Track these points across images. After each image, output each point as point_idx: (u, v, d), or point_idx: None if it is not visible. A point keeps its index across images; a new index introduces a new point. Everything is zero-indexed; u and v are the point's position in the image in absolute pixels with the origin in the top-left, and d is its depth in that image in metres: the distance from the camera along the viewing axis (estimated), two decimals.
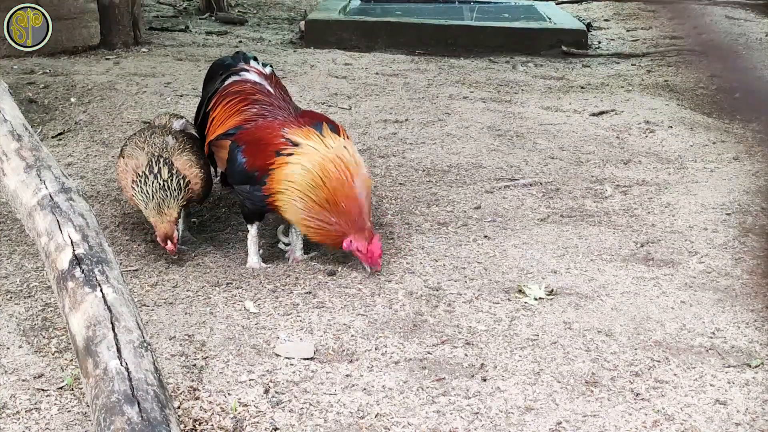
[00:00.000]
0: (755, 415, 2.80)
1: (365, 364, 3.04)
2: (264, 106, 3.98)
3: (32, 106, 5.81)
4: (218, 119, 4.02)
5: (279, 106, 4.00)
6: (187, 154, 3.90)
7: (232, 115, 3.98)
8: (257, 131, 3.87)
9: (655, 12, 9.64)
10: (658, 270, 3.83)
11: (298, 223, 3.76)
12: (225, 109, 4.01)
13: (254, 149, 3.81)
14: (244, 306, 3.44)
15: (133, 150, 3.91)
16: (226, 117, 3.99)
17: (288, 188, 3.70)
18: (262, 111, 3.96)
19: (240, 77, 4.11)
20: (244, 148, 3.83)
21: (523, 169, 5.03)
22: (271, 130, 3.84)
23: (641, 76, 7.47)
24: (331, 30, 8.55)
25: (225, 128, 3.96)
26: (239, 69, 4.15)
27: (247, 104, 3.98)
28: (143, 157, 3.83)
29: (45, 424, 2.68)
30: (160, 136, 3.96)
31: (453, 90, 6.72)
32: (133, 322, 2.57)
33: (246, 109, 3.97)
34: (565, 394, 2.89)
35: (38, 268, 3.65)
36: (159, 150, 3.85)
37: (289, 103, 4.09)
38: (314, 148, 3.71)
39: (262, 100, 4.00)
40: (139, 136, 4.01)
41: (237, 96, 4.02)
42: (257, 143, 3.81)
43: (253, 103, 3.99)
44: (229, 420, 2.70)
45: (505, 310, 3.44)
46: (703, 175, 4.99)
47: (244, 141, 3.86)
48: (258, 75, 4.13)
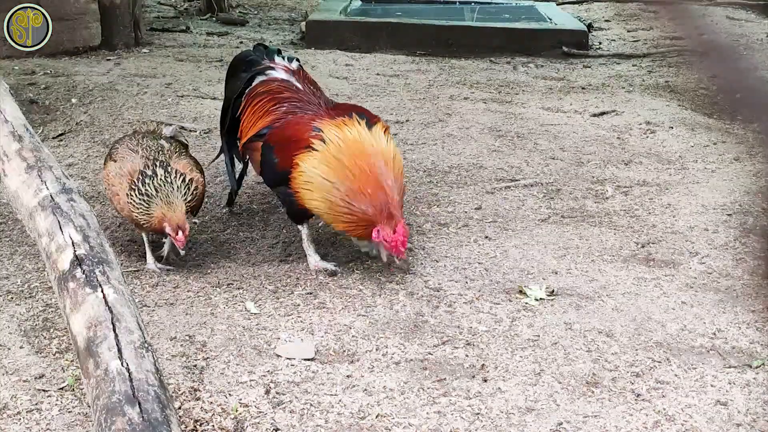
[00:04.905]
0: (756, 416, 2.80)
1: (366, 365, 3.04)
2: (293, 103, 3.91)
3: (33, 106, 5.81)
4: (248, 122, 3.97)
5: (308, 101, 3.92)
6: (185, 157, 3.81)
7: (261, 116, 3.92)
8: (286, 129, 3.79)
9: (656, 13, 9.64)
10: (658, 271, 3.83)
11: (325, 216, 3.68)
12: (254, 110, 3.96)
13: (285, 147, 3.73)
14: (245, 307, 3.44)
15: (126, 153, 3.76)
16: (256, 119, 3.93)
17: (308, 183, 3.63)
18: (291, 109, 3.89)
19: (266, 76, 4.04)
20: (276, 148, 3.76)
21: (524, 170, 5.03)
22: (300, 126, 3.75)
23: (642, 77, 7.47)
24: (331, 31, 8.55)
25: (255, 130, 3.91)
26: (265, 68, 4.07)
27: (275, 104, 3.91)
28: (139, 160, 3.68)
29: (46, 424, 2.68)
30: (153, 140, 3.84)
31: (454, 91, 6.72)
32: (134, 323, 2.57)
33: (275, 109, 3.90)
34: (565, 394, 2.89)
35: (39, 269, 3.65)
36: (155, 153, 3.72)
37: (320, 97, 4.00)
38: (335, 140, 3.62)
39: (290, 98, 3.93)
40: (130, 140, 3.87)
41: (264, 96, 3.96)
42: (288, 141, 3.73)
43: (281, 101, 3.91)
44: (230, 420, 2.70)
45: (506, 310, 3.44)
46: (703, 175, 4.99)
47: (274, 141, 3.79)
48: (285, 72, 4.05)
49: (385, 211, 3.55)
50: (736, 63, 1.32)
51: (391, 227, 3.53)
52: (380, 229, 3.55)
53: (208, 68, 7.12)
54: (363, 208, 3.56)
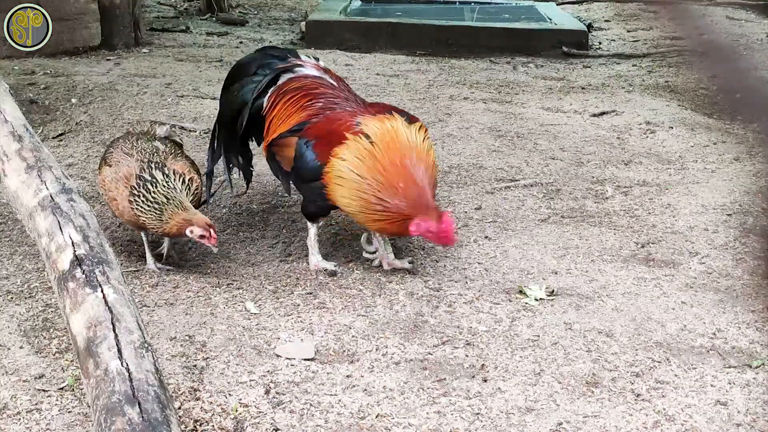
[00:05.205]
0: (756, 416, 2.80)
1: (366, 365, 3.04)
2: (329, 99, 3.83)
3: (33, 106, 5.81)
4: (279, 118, 3.85)
5: (345, 98, 3.85)
6: (181, 158, 3.75)
7: (294, 112, 3.82)
8: (327, 124, 3.71)
9: (656, 13, 9.64)
10: (658, 271, 3.83)
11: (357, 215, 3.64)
12: (285, 107, 3.85)
13: (326, 142, 3.65)
14: (244, 307, 3.43)
15: (121, 157, 3.69)
16: (287, 115, 3.83)
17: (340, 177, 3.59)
18: (328, 104, 3.81)
19: (295, 73, 3.95)
20: (315, 143, 3.68)
21: (524, 170, 5.03)
22: (343, 121, 3.68)
23: (642, 77, 7.47)
24: (331, 31, 8.56)
25: (287, 126, 3.80)
26: (292, 65, 3.98)
27: (310, 99, 3.82)
28: (134, 164, 3.62)
29: (46, 424, 2.68)
30: (147, 142, 3.77)
31: (453, 91, 6.72)
32: (133, 323, 2.57)
33: (309, 105, 3.81)
34: (565, 394, 2.89)
35: (39, 269, 3.65)
36: (149, 155, 3.65)
37: (354, 94, 3.95)
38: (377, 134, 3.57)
39: (326, 94, 3.85)
40: (124, 142, 3.79)
41: (297, 92, 3.86)
42: (329, 136, 3.65)
43: (316, 97, 3.83)
44: (230, 421, 2.70)
45: (506, 310, 3.44)
46: (703, 175, 4.99)
47: (313, 135, 3.70)
48: (315, 68, 3.98)
49: (421, 203, 3.52)
50: (736, 63, 1.32)
51: (433, 218, 3.49)
52: (420, 222, 3.50)
53: (208, 68, 7.12)
54: (397, 203, 3.52)
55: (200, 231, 3.49)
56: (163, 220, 3.53)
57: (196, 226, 3.49)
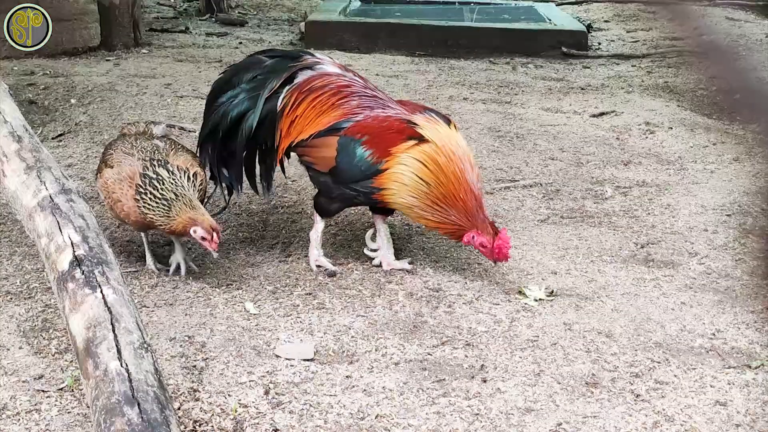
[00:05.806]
0: (755, 416, 2.80)
1: (365, 365, 3.04)
2: (363, 98, 3.70)
3: (32, 107, 5.81)
4: (306, 118, 3.68)
5: (378, 96, 3.75)
6: (183, 153, 3.69)
7: (324, 111, 3.67)
8: (377, 122, 3.60)
9: (655, 13, 9.64)
10: (658, 271, 3.83)
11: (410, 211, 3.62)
12: (313, 105, 3.69)
13: (379, 141, 3.56)
14: (244, 307, 3.43)
15: (122, 157, 3.63)
16: (317, 114, 3.68)
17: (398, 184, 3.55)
18: (364, 103, 3.68)
19: (315, 71, 3.78)
20: (366, 140, 3.56)
21: (524, 170, 5.03)
22: (396, 118, 3.61)
23: (641, 78, 7.48)
24: (331, 31, 8.56)
25: (319, 126, 3.66)
26: (311, 63, 3.82)
27: (341, 98, 3.68)
28: (137, 162, 3.57)
29: (45, 425, 2.68)
30: (146, 140, 3.72)
31: (453, 91, 6.73)
32: (133, 323, 2.57)
33: (342, 103, 3.67)
34: (565, 395, 2.89)
35: (38, 269, 3.65)
36: (150, 153, 3.61)
37: (383, 92, 3.87)
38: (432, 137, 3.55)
39: (358, 92, 3.72)
40: (123, 143, 3.74)
41: (325, 91, 3.70)
42: (382, 135, 3.57)
43: (349, 96, 3.69)
44: (230, 421, 2.70)
45: (506, 311, 3.44)
46: (703, 176, 4.99)
47: (363, 133, 3.58)
48: (336, 66, 3.85)
49: (478, 217, 3.56)
50: (736, 63, 1.32)
51: (489, 233, 3.54)
52: (475, 235, 3.55)
53: (208, 69, 7.12)
54: (456, 214, 3.54)
55: (203, 233, 3.45)
56: (171, 216, 3.48)
57: (200, 227, 3.46)
